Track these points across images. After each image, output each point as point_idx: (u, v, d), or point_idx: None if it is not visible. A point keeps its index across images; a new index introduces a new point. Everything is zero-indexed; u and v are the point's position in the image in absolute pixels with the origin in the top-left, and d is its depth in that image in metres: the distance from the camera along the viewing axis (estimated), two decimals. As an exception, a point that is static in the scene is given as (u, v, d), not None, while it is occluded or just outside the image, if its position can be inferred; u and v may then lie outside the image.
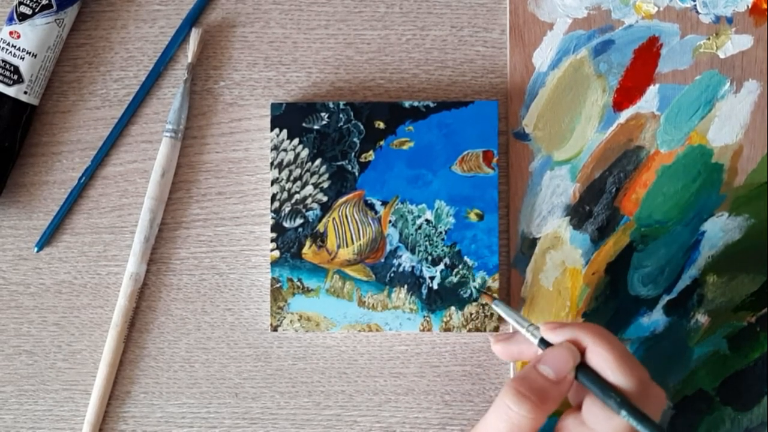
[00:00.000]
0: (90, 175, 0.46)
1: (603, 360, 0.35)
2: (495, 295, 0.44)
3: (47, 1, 0.44)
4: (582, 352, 0.36)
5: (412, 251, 0.45)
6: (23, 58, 0.43)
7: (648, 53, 0.46)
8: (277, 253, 0.44)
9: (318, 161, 0.45)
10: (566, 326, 0.37)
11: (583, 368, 0.36)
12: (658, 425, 0.33)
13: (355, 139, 0.45)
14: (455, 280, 0.44)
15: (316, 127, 0.45)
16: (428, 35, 0.47)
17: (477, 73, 0.46)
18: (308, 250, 0.44)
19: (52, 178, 0.46)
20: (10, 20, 0.44)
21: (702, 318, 0.46)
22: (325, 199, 0.45)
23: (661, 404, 0.37)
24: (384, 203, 0.45)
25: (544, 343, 0.38)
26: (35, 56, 0.44)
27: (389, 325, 0.44)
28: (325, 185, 0.45)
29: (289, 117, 0.45)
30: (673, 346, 0.46)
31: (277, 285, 0.44)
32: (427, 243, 0.45)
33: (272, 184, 0.45)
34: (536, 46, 0.46)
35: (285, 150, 0.45)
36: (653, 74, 0.46)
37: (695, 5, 0.46)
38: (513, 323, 0.40)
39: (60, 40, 0.45)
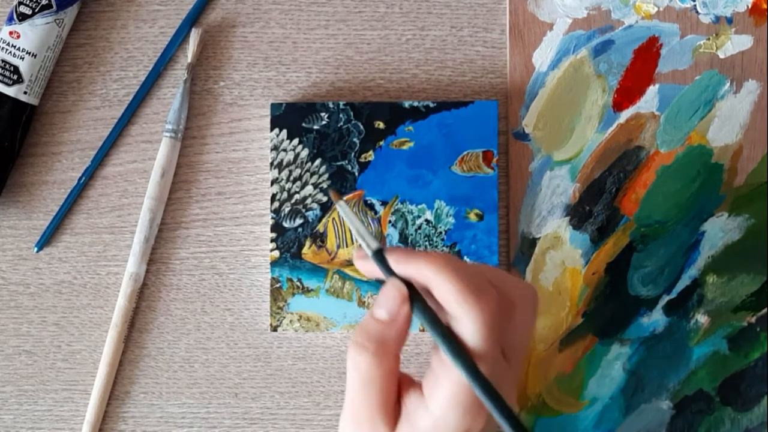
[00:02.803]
0: (90, 175, 0.46)
1: (446, 291, 0.33)
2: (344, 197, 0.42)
3: (47, 1, 0.43)
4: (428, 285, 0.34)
5: (412, 251, 0.45)
6: (23, 58, 0.43)
7: (648, 53, 0.46)
8: (276, 253, 0.44)
9: (318, 161, 0.45)
10: (411, 256, 0.34)
11: (419, 304, 0.34)
12: (473, 367, 0.31)
13: (355, 139, 0.45)
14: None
15: (315, 127, 0.45)
16: (428, 35, 0.47)
17: (477, 73, 0.46)
18: (308, 250, 0.44)
19: (52, 178, 0.46)
20: (10, 20, 0.44)
21: (702, 318, 0.46)
22: (324, 199, 0.45)
23: (530, 306, 0.35)
24: (384, 203, 0.45)
25: (379, 257, 0.35)
26: (35, 56, 0.44)
27: (389, 325, 0.44)
28: (325, 185, 0.45)
29: (288, 117, 0.45)
30: (673, 346, 0.46)
31: (277, 285, 0.44)
32: (427, 243, 0.45)
33: (272, 184, 0.45)
34: (536, 46, 0.46)
35: (285, 150, 0.45)
36: (653, 74, 0.46)
37: (695, 5, 0.46)
38: (353, 230, 0.37)
39: (60, 40, 0.45)
